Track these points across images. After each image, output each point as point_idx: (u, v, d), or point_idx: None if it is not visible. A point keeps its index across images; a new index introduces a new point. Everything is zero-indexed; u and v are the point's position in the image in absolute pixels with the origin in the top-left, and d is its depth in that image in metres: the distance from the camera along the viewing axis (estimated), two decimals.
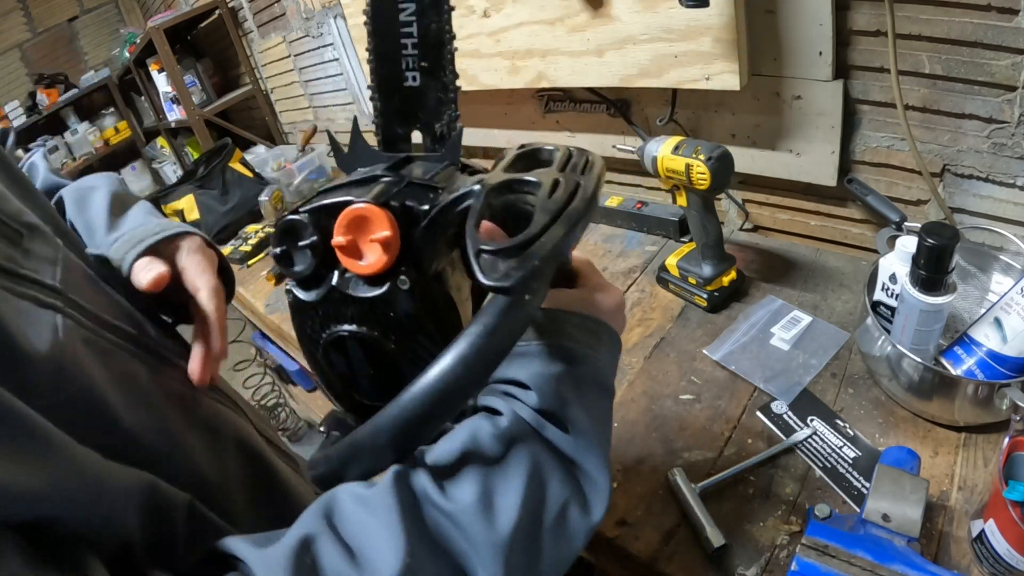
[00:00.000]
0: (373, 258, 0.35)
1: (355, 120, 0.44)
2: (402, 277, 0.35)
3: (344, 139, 0.45)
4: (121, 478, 0.33)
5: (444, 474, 0.32)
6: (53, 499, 0.28)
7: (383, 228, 0.34)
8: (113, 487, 0.32)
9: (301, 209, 0.37)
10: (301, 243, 0.36)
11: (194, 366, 0.46)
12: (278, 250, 0.37)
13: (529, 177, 0.35)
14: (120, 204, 0.54)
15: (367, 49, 0.43)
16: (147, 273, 0.44)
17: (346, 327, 0.37)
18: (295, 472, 0.55)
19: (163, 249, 0.48)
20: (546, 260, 0.29)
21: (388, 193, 0.36)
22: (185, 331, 0.51)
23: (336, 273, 0.37)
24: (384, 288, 0.36)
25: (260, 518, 0.45)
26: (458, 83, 0.43)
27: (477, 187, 0.34)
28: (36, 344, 0.32)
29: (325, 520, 0.31)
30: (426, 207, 0.35)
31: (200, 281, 0.48)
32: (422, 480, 0.32)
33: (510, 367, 0.36)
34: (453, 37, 0.42)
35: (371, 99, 0.44)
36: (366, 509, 0.31)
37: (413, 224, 0.35)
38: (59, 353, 0.33)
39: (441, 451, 0.33)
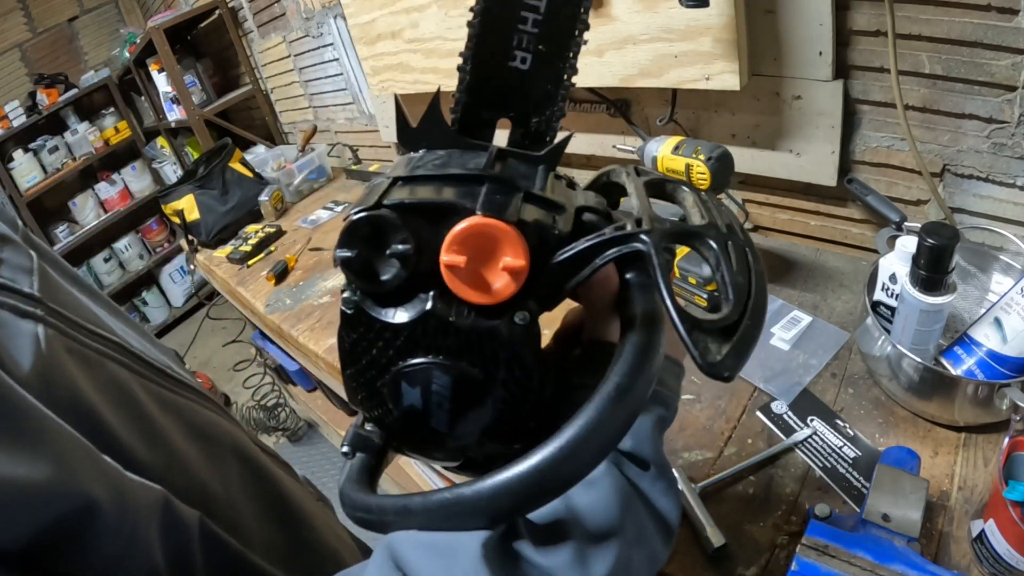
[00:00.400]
0: (498, 287, 0.28)
1: (438, 93, 0.35)
2: (521, 312, 0.30)
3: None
4: (139, 492, 0.31)
5: (538, 530, 0.29)
6: (85, 505, 0.27)
7: (518, 256, 0.28)
8: (135, 502, 0.30)
9: (386, 202, 0.29)
10: (391, 251, 0.29)
11: None
12: (351, 253, 0.29)
13: (699, 229, 0.32)
14: None
15: (472, 9, 0.36)
16: None
17: (439, 359, 0.30)
18: (295, 480, 0.53)
19: None
20: (753, 346, 0.27)
21: (515, 210, 0.29)
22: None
23: (432, 295, 0.30)
24: (499, 321, 0.30)
25: (271, 532, 0.43)
26: (575, 80, 0.36)
27: (644, 238, 0.29)
28: (19, 359, 0.30)
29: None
30: (556, 231, 0.30)
31: None
32: (516, 536, 0.29)
33: None
34: (586, 28, 0.35)
35: (459, 69, 0.36)
36: (451, 561, 0.27)
37: (543, 251, 0.29)
38: (44, 366, 0.31)
39: None
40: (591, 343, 0.35)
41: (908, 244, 0.67)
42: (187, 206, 1.77)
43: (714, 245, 0.31)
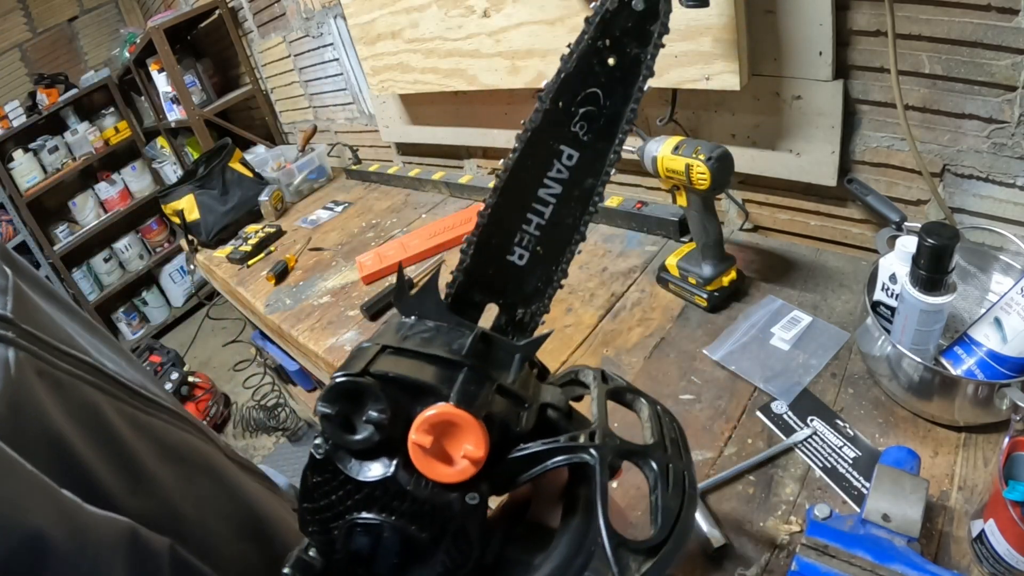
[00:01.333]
0: (457, 469, 0.31)
1: (439, 268, 0.40)
2: (473, 493, 0.32)
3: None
4: (102, 526, 0.31)
5: None
6: (32, 542, 0.26)
7: (479, 447, 0.31)
8: (97, 538, 0.30)
9: (372, 370, 0.32)
10: (367, 417, 0.31)
11: None
12: (331, 410, 0.31)
13: (645, 450, 0.35)
14: None
15: (486, 203, 0.39)
16: None
17: (392, 520, 0.33)
18: (273, 493, 0.53)
19: None
20: (671, 564, 0.30)
21: (485, 403, 0.32)
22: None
23: (396, 462, 0.33)
24: (453, 497, 0.32)
25: (246, 552, 0.43)
26: (564, 282, 0.41)
27: (593, 452, 0.32)
28: None
29: None
30: (518, 429, 0.33)
31: None
32: None
33: None
34: (582, 239, 0.41)
35: (462, 251, 0.40)
36: None
37: (504, 444, 0.33)
38: (14, 393, 0.31)
39: None
40: (534, 524, 0.38)
41: (908, 244, 0.67)
42: (187, 206, 1.78)
43: (655, 467, 0.34)
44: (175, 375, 2.56)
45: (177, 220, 1.80)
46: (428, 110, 1.55)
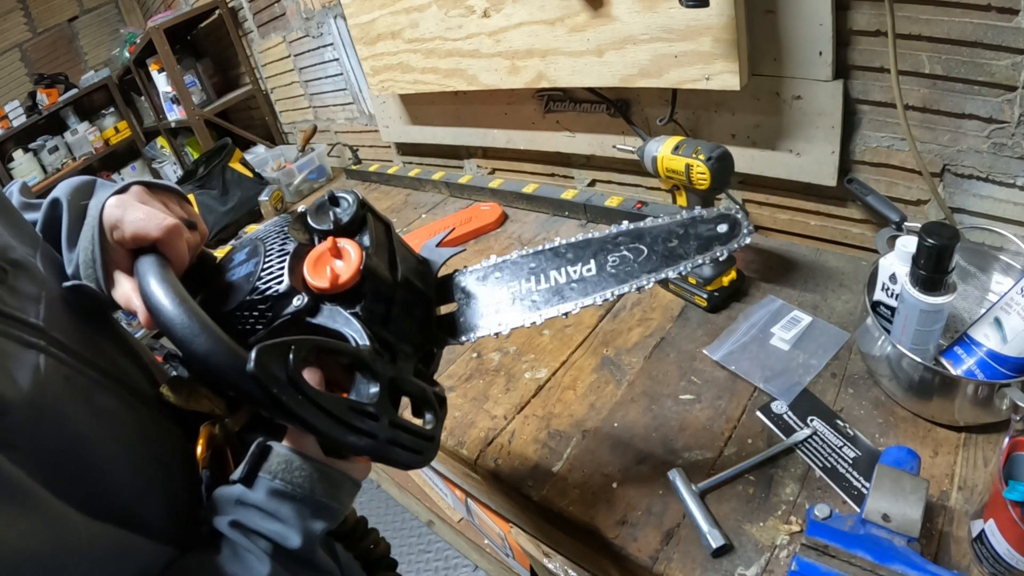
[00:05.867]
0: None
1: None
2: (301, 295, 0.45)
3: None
4: (101, 538, 0.32)
5: None
6: (30, 561, 0.27)
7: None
8: (91, 551, 0.31)
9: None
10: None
11: None
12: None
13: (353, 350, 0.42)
14: (78, 214, 0.45)
15: None
16: (134, 311, 0.41)
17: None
18: None
19: (109, 249, 0.42)
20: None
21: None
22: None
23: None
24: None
25: None
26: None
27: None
28: (17, 387, 0.32)
29: None
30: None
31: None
32: None
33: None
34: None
35: None
36: None
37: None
38: (39, 396, 0.33)
39: None
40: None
41: (908, 244, 0.67)
42: None
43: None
44: (174, 375, 2.56)
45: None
46: (428, 110, 1.55)
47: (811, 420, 0.71)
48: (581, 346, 0.93)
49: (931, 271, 0.61)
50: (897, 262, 0.70)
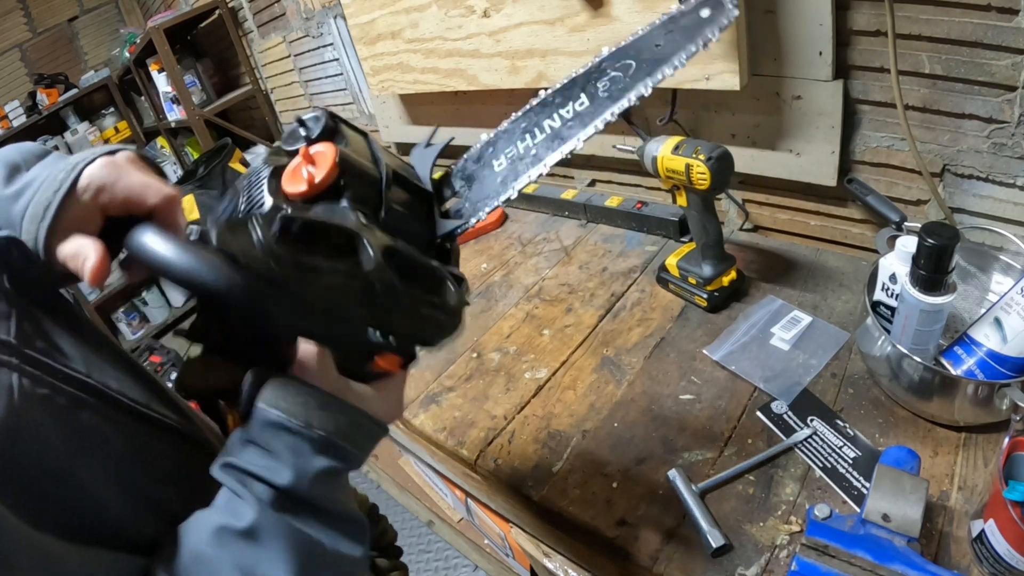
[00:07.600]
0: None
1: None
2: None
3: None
4: (92, 564, 0.31)
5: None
6: None
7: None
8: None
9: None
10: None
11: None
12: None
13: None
14: (13, 167, 0.41)
15: None
16: (80, 266, 0.36)
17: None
18: None
19: (77, 208, 0.37)
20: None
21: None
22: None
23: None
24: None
25: None
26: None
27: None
28: None
29: None
30: None
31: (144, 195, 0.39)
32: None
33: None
34: None
35: None
36: None
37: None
38: (15, 419, 0.31)
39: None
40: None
41: (908, 244, 0.67)
42: (187, 206, 1.77)
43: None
44: (175, 375, 2.56)
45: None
46: (428, 110, 1.55)
47: (811, 420, 0.71)
48: (581, 346, 0.93)
49: (931, 271, 0.61)
50: (897, 262, 0.70)
